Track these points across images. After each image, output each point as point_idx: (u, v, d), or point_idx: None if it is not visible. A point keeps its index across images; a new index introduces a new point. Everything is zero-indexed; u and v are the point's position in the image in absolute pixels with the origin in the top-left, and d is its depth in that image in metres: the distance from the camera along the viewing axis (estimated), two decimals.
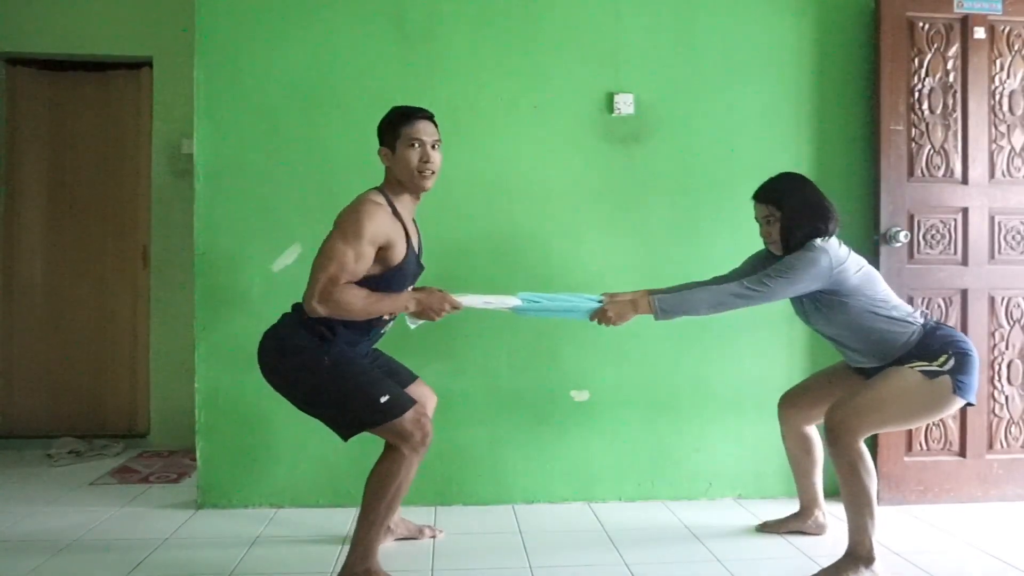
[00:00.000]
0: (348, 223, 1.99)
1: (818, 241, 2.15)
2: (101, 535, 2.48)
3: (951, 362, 2.07)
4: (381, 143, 2.13)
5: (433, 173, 2.11)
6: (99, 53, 3.68)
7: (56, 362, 3.76)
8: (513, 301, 2.24)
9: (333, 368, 2.02)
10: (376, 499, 2.02)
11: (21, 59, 3.73)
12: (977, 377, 2.11)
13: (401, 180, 2.11)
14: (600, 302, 2.27)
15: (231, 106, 2.74)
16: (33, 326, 3.77)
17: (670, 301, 2.18)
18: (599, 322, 2.26)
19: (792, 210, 2.20)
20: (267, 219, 2.75)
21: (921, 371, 2.07)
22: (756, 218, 2.32)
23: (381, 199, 2.07)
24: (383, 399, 2.00)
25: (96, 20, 3.63)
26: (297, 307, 2.13)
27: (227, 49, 2.74)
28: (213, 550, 2.35)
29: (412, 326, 2.19)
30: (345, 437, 2.07)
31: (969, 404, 2.12)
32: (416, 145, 2.08)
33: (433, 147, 2.11)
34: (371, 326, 2.13)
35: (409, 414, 2.01)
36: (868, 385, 2.13)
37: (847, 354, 2.28)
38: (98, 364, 3.79)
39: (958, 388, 2.05)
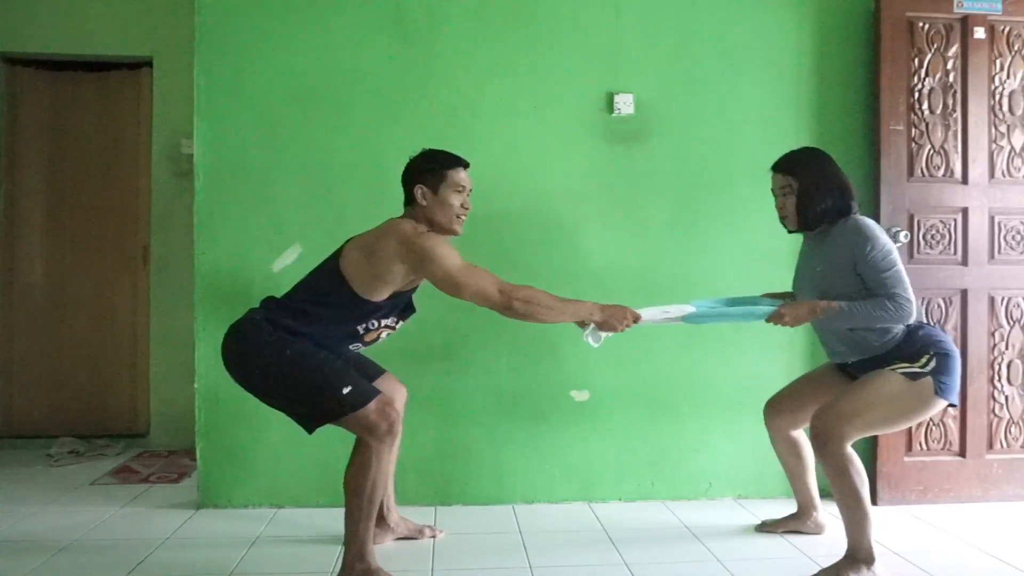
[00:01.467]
0: (433, 247, 2.04)
1: (852, 216, 2.15)
2: (101, 535, 2.48)
3: (932, 363, 2.07)
4: (418, 181, 2.14)
5: (464, 220, 2.20)
6: (99, 53, 3.68)
7: (56, 362, 3.76)
8: (688, 309, 2.24)
9: (294, 361, 2.02)
10: (355, 496, 2.02)
11: (21, 59, 3.73)
12: (959, 378, 2.11)
13: (435, 221, 2.15)
14: (775, 306, 2.21)
15: (231, 106, 2.74)
16: (33, 326, 3.77)
17: (844, 308, 2.09)
18: (775, 323, 2.20)
19: (810, 183, 2.19)
20: (267, 219, 2.75)
21: (903, 373, 2.07)
22: (772, 190, 2.30)
23: (425, 229, 2.12)
24: (345, 390, 1.99)
25: (96, 20, 3.63)
26: (265, 303, 2.16)
27: (227, 49, 2.74)
28: (213, 550, 2.35)
29: (595, 344, 2.18)
30: (309, 429, 2.07)
31: (951, 405, 2.13)
32: (461, 191, 2.17)
33: (468, 194, 2.20)
34: (347, 339, 2.15)
35: (373, 404, 2.01)
36: (852, 389, 2.13)
37: (830, 346, 2.28)
38: (98, 364, 3.79)
39: (940, 390, 2.05)
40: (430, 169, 2.15)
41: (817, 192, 2.18)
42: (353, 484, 2.03)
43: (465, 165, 2.20)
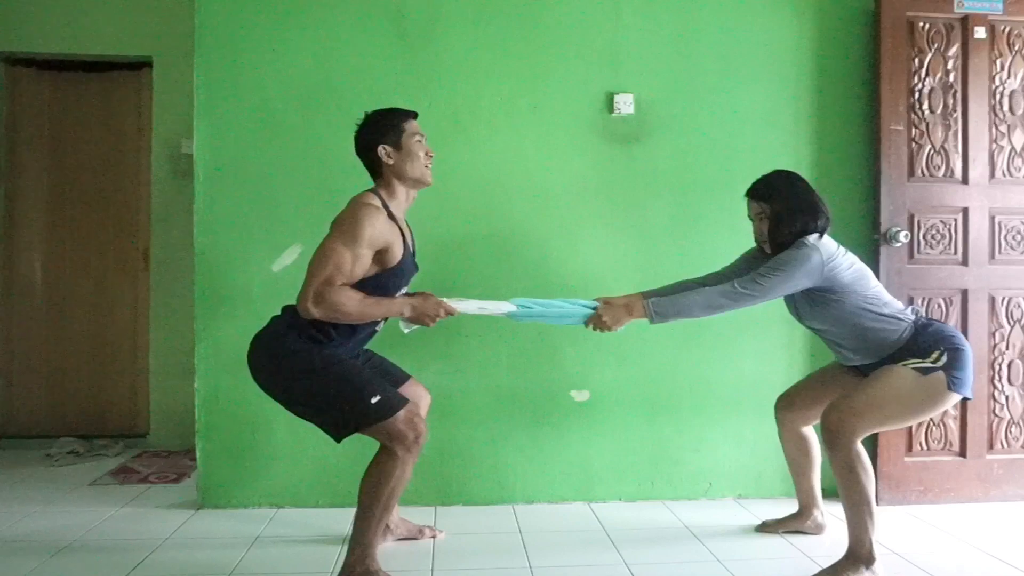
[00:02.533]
0: (346, 226, 1.99)
1: (810, 238, 2.16)
2: (101, 535, 2.48)
3: (944, 358, 2.07)
4: (380, 142, 2.11)
5: (430, 166, 2.18)
6: (99, 53, 3.68)
7: (56, 362, 3.76)
8: (508, 307, 2.23)
9: (323, 370, 2.01)
10: (372, 500, 2.01)
11: (21, 59, 3.73)
12: (971, 371, 2.11)
13: (407, 175, 2.12)
14: (595, 308, 2.26)
15: (231, 106, 2.74)
16: (33, 326, 3.77)
17: (664, 305, 2.19)
18: (594, 328, 2.25)
19: (781, 207, 2.20)
20: (267, 219, 2.75)
21: (915, 368, 2.07)
22: (749, 216, 2.32)
23: (377, 201, 2.08)
24: (374, 399, 1.99)
25: (96, 20, 3.63)
26: (286, 310, 2.13)
27: (227, 49, 2.74)
28: (213, 550, 2.35)
29: (406, 331, 2.18)
30: (338, 439, 2.06)
31: (966, 399, 2.13)
32: (421, 140, 2.14)
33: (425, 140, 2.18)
34: (363, 327, 2.13)
35: (401, 414, 2.00)
36: (864, 385, 2.13)
37: (840, 352, 2.28)
38: (98, 364, 3.79)
39: (953, 383, 2.05)
40: (387, 126, 2.13)
41: (788, 217, 2.19)
42: (371, 488, 2.02)
43: (415, 115, 2.18)
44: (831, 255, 2.13)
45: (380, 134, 2.12)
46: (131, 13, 3.64)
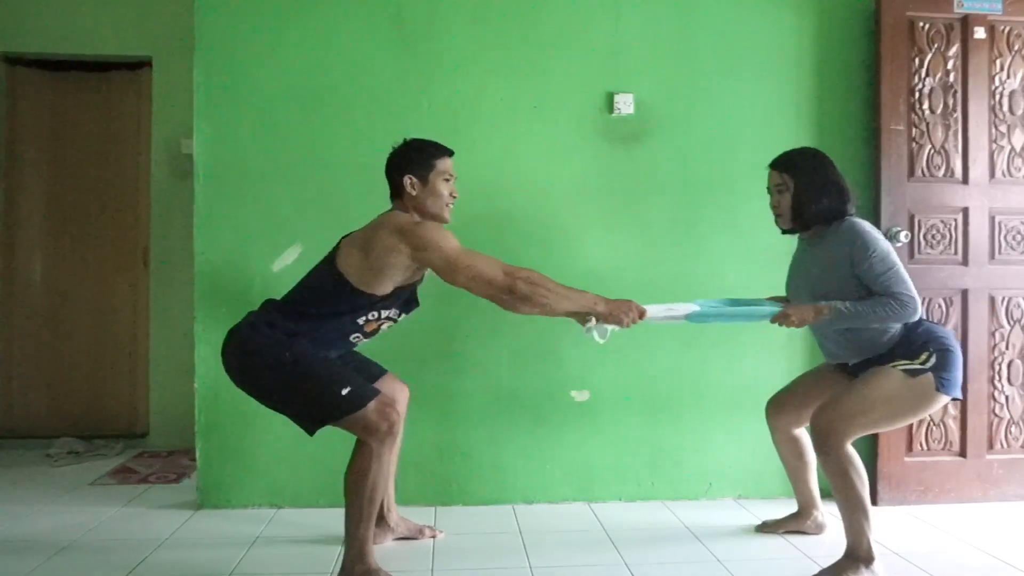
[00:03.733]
0: (429, 232, 2.04)
1: (851, 216, 2.15)
2: (101, 535, 2.48)
3: (933, 359, 2.07)
4: (407, 172, 2.14)
5: (452, 207, 2.22)
6: (99, 53, 3.68)
7: (56, 362, 3.76)
8: (692, 308, 2.21)
9: (293, 363, 2.02)
10: (356, 497, 2.02)
11: (21, 59, 3.73)
12: (960, 371, 2.10)
13: (426, 210, 2.16)
14: (779, 307, 2.20)
15: (231, 106, 2.74)
16: (33, 326, 3.77)
17: (847, 310, 2.09)
18: (780, 324, 2.18)
19: (806, 182, 2.18)
20: (267, 219, 2.75)
21: (904, 371, 2.07)
22: (768, 187, 2.30)
23: (417, 218, 2.14)
24: (344, 391, 1.99)
25: (96, 20, 3.63)
26: (265, 305, 2.16)
27: (227, 49, 2.74)
28: (213, 550, 2.35)
29: (600, 340, 2.10)
30: (310, 431, 2.06)
31: (955, 399, 2.12)
32: (450, 180, 2.18)
33: (455, 181, 2.22)
34: (349, 332, 2.14)
35: (372, 404, 2.00)
36: (853, 387, 2.13)
37: (828, 349, 2.28)
38: (98, 364, 3.79)
39: (941, 385, 2.05)
40: (418, 159, 2.15)
41: (814, 192, 2.17)
42: (353, 485, 2.02)
43: (450, 154, 2.21)
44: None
45: (410, 163, 2.15)
46: (131, 13, 3.64)
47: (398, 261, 2.04)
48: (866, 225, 2.13)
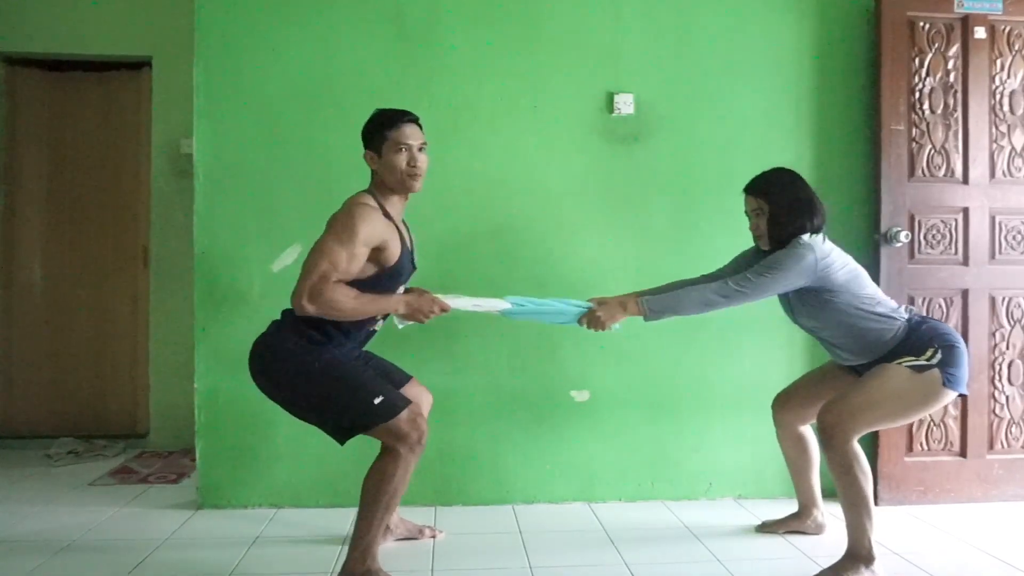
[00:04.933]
0: (341, 224, 1.98)
1: (804, 237, 2.16)
2: (101, 535, 2.48)
3: (938, 355, 2.07)
4: (366, 147, 2.11)
5: (420, 175, 2.11)
6: (99, 53, 3.68)
7: (56, 362, 3.76)
8: (502, 304, 2.22)
9: (324, 372, 2.01)
10: (374, 500, 2.01)
11: (21, 59, 3.73)
12: (966, 368, 2.11)
13: (389, 184, 2.10)
14: (588, 307, 2.26)
15: (231, 106, 2.74)
16: (33, 326, 3.76)
17: (658, 302, 2.19)
18: (588, 326, 2.25)
19: (780, 205, 2.20)
20: (267, 219, 2.75)
21: (910, 367, 2.07)
22: (745, 211, 2.32)
23: (372, 201, 2.07)
24: (377, 400, 1.99)
25: (96, 20, 3.63)
26: (287, 313, 2.12)
27: (227, 49, 2.74)
28: (213, 550, 2.35)
29: (400, 326, 2.18)
30: (342, 441, 2.06)
31: (962, 396, 2.13)
32: (403, 150, 2.07)
33: (420, 150, 2.11)
34: (361, 326, 2.12)
35: (404, 414, 2.00)
36: (859, 384, 2.13)
37: (834, 352, 2.28)
38: (98, 364, 3.79)
39: (948, 381, 2.05)
40: (372, 132, 2.10)
41: (788, 213, 2.19)
42: (373, 488, 2.02)
43: (408, 120, 2.09)
44: (825, 254, 2.13)
45: (367, 138, 2.12)
46: (131, 13, 3.64)
47: None
48: (801, 246, 2.12)
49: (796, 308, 2.26)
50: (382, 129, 2.09)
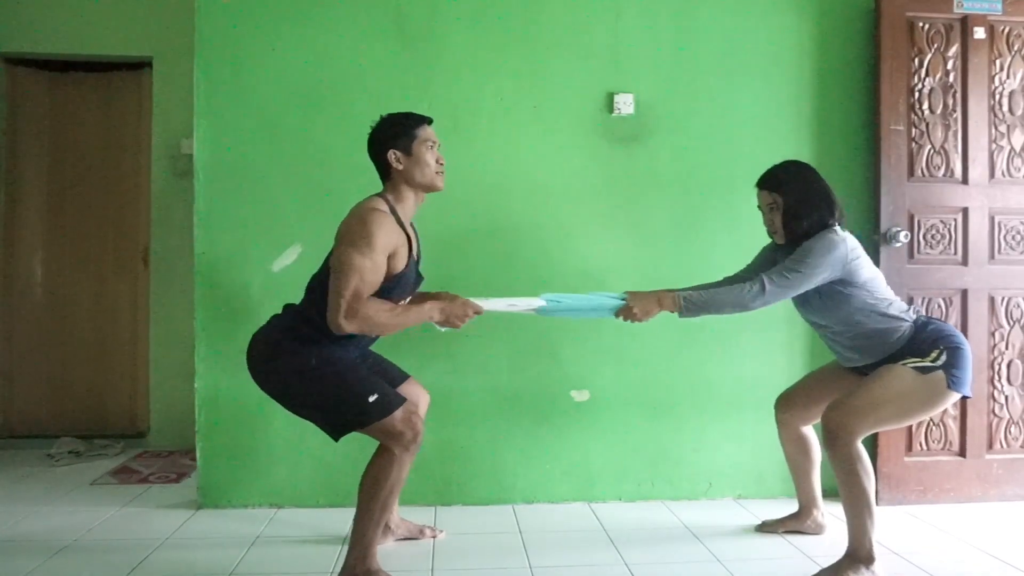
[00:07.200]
0: (359, 234, 1.95)
1: (836, 228, 2.15)
2: (101, 535, 2.48)
3: (943, 357, 2.07)
4: (389, 147, 2.09)
5: (444, 174, 2.15)
6: (99, 53, 3.68)
7: (56, 362, 3.76)
8: (537, 303, 2.21)
9: (320, 369, 2.01)
10: (370, 499, 2.02)
11: (21, 59, 3.73)
12: (970, 370, 2.11)
13: (417, 181, 2.10)
14: (624, 299, 2.23)
15: (231, 106, 2.74)
16: (33, 326, 3.77)
17: (695, 299, 2.17)
18: (624, 319, 2.23)
19: (795, 198, 2.18)
20: (267, 219, 2.75)
21: (914, 368, 2.07)
22: (759, 206, 2.30)
23: (384, 206, 2.06)
24: (371, 398, 1.99)
25: (96, 20, 3.63)
26: (287, 309, 2.13)
27: (227, 49, 2.74)
28: (213, 550, 2.35)
29: (442, 330, 2.17)
30: (336, 437, 2.06)
31: (965, 397, 2.12)
32: (433, 147, 2.11)
33: (439, 148, 2.16)
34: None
35: (398, 413, 2.00)
36: (863, 385, 2.13)
37: (839, 353, 2.28)
38: (98, 364, 3.79)
39: (952, 382, 2.05)
40: (399, 132, 2.10)
41: (803, 206, 2.17)
42: (369, 487, 2.02)
43: (429, 121, 2.15)
44: (854, 247, 2.13)
45: (391, 138, 2.10)
46: (131, 13, 3.64)
47: None
48: (834, 240, 2.11)
49: (812, 302, 2.22)
50: (412, 128, 2.10)
